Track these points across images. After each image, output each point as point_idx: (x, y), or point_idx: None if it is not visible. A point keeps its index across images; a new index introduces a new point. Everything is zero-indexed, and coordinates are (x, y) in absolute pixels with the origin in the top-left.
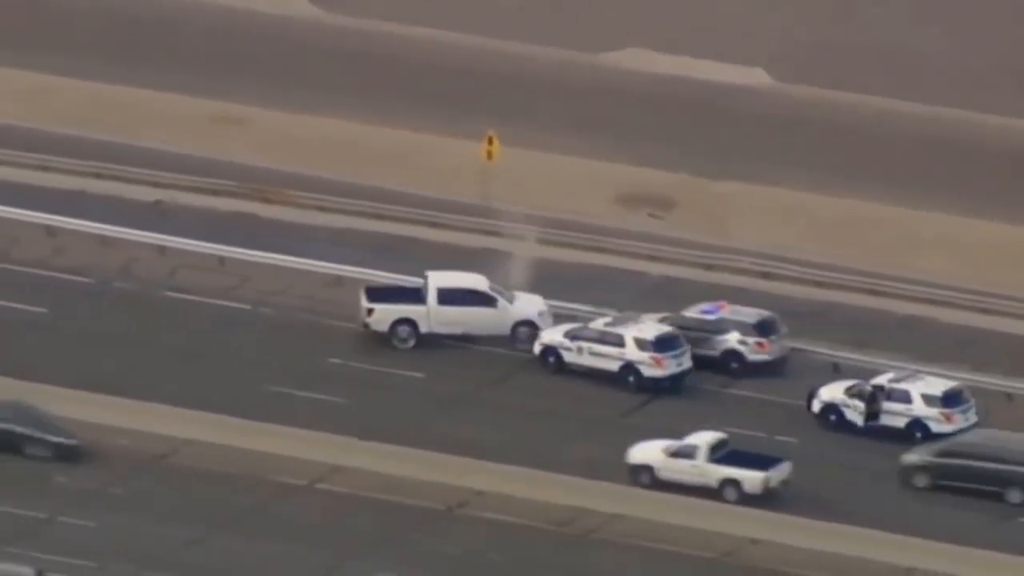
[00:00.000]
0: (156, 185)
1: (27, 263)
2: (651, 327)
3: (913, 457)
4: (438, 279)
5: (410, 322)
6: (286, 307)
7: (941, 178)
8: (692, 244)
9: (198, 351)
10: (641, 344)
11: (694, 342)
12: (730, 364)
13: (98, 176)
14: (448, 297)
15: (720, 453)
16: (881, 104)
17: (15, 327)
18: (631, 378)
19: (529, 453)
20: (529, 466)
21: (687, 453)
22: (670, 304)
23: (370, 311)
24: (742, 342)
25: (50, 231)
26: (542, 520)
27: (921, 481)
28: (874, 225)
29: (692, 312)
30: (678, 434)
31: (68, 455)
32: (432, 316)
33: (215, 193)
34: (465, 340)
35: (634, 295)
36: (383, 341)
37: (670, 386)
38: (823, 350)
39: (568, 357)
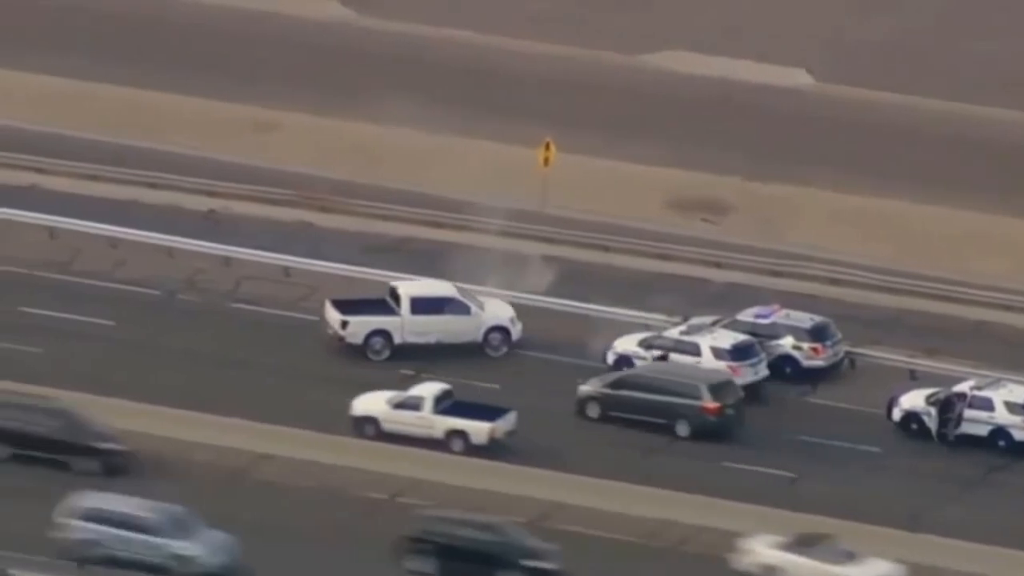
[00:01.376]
0: (209, 194)
1: (90, 275)
2: (727, 335)
3: (586, 388)
4: (408, 288)
5: (384, 333)
6: None
7: (991, 179)
8: (751, 249)
9: (268, 364)
10: (718, 353)
11: None
12: (784, 369)
13: (152, 186)
14: (421, 306)
15: (445, 404)
16: (926, 104)
17: (82, 340)
18: None
19: (606, 464)
20: (608, 478)
21: (412, 404)
22: (737, 312)
23: (344, 323)
24: (796, 347)
25: (112, 242)
26: (629, 534)
27: (593, 412)
28: (928, 227)
29: (746, 316)
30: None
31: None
32: (406, 326)
33: (269, 202)
34: (437, 349)
35: (699, 302)
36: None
37: (747, 395)
38: (897, 356)
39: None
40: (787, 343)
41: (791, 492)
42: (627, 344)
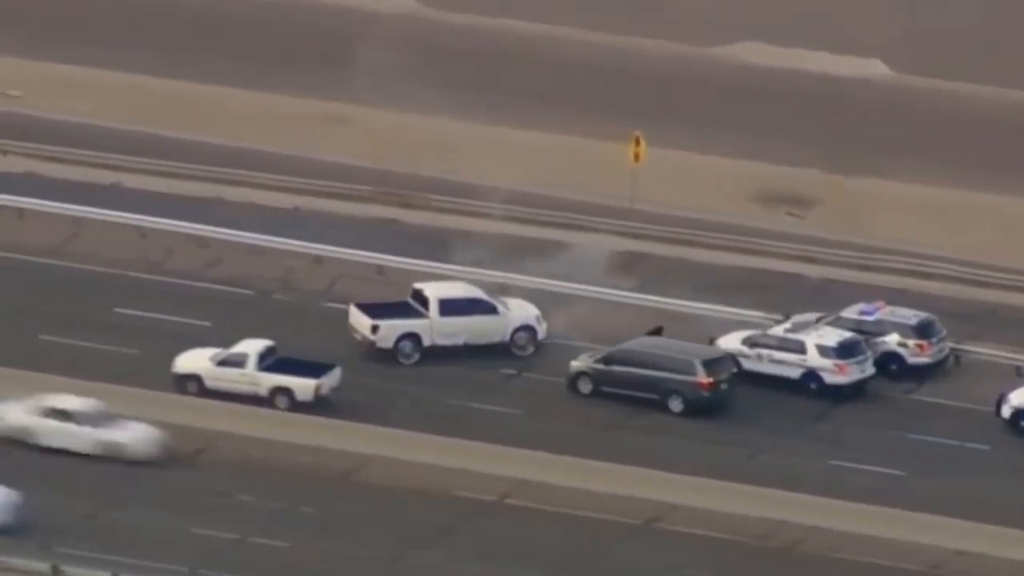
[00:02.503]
0: (289, 191)
1: (183, 275)
2: (833, 333)
3: (577, 363)
4: (436, 290)
5: (414, 336)
6: None
7: None
8: (841, 244)
9: (367, 364)
10: (823, 350)
11: None
12: (889, 367)
13: (232, 183)
14: (450, 308)
15: (269, 361)
16: (1005, 95)
17: (181, 341)
18: (813, 385)
19: (719, 464)
20: (720, 478)
21: (236, 362)
22: (833, 307)
23: (375, 328)
24: (902, 344)
25: (202, 242)
26: (741, 535)
27: (585, 387)
28: (1015, 219)
29: (850, 313)
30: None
31: None
32: (435, 328)
33: (350, 198)
34: (465, 350)
35: (794, 298)
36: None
37: (852, 393)
38: (1002, 353)
39: (747, 364)
40: (892, 340)
41: (903, 490)
42: (731, 342)
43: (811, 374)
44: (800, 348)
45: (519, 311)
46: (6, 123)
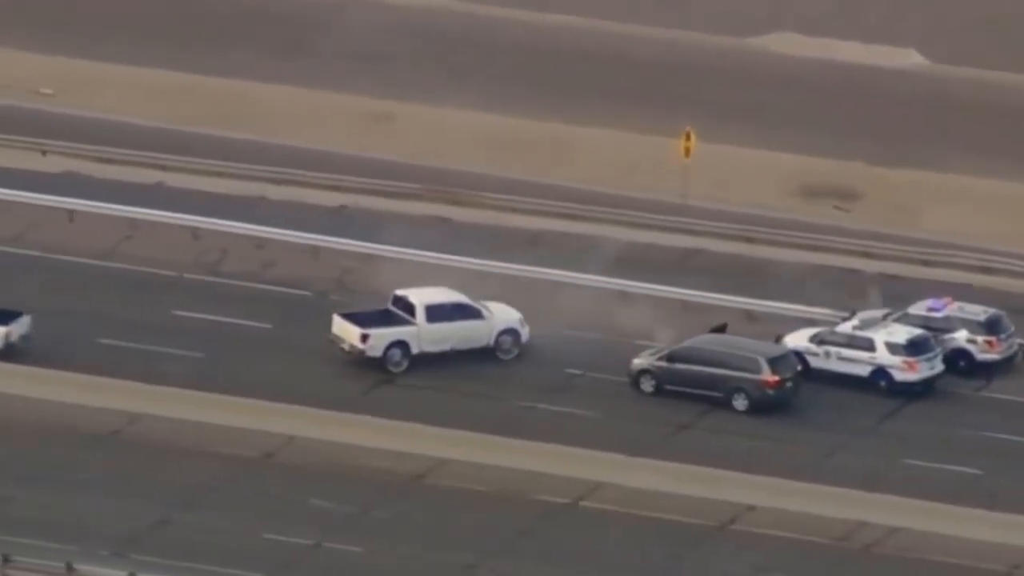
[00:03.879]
0: (335, 189)
1: (240, 276)
2: (902, 330)
3: (639, 361)
4: (421, 297)
5: (402, 344)
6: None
7: None
8: (896, 239)
9: (430, 365)
10: (893, 348)
11: None
12: (958, 363)
13: (276, 182)
14: (436, 314)
15: None
16: None
17: (244, 344)
18: (882, 383)
19: (792, 464)
20: (796, 478)
21: None
22: (892, 302)
23: (365, 337)
24: (971, 340)
25: (256, 242)
26: (820, 535)
27: (647, 386)
28: None
29: (917, 309)
30: None
31: None
32: (423, 335)
33: (398, 196)
34: (451, 355)
35: (853, 293)
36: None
37: (922, 390)
38: None
39: (815, 363)
40: (961, 337)
41: (981, 489)
42: (798, 340)
43: (880, 372)
44: (869, 345)
45: (502, 315)
46: (41, 122)
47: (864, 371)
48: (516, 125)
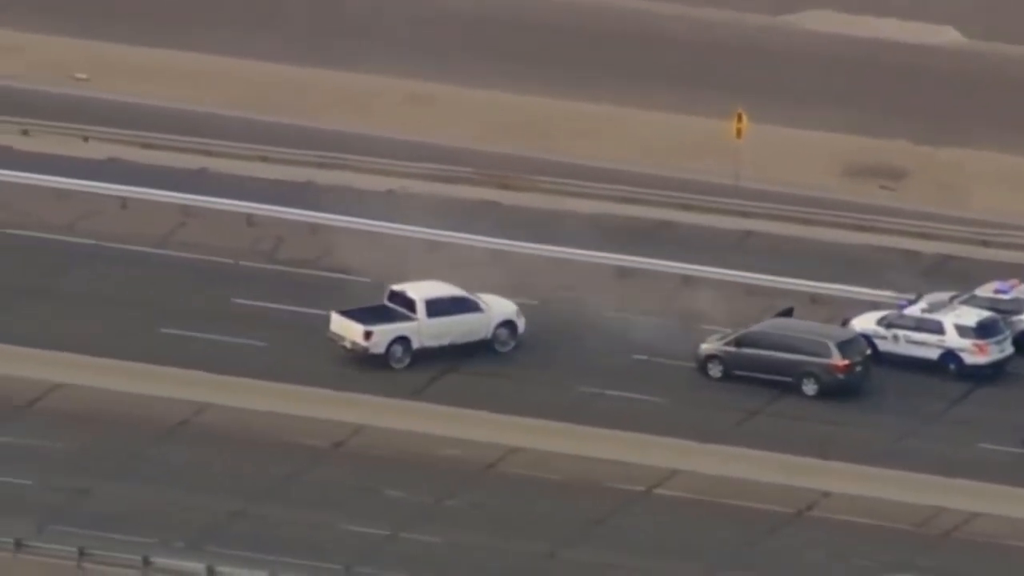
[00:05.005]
0: (384, 173)
1: (298, 263)
2: (971, 312)
3: (706, 346)
4: (420, 291)
5: (404, 340)
6: (576, 302)
7: None
8: (946, 218)
9: (496, 353)
10: (962, 331)
11: None
12: None
13: (322, 166)
14: (436, 308)
15: None
16: None
17: (305, 332)
18: (952, 366)
19: (865, 449)
20: (870, 463)
21: None
22: (953, 284)
23: (368, 334)
24: None
25: (311, 228)
26: (898, 521)
27: (715, 371)
28: None
29: (984, 291)
30: None
31: None
32: (423, 331)
33: (447, 180)
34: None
35: (913, 275)
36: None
37: (992, 373)
38: None
39: (883, 346)
40: None
41: None
42: (865, 323)
43: (950, 355)
44: (938, 328)
45: (499, 307)
46: (79, 107)
47: (933, 354)
48: (559, 107)
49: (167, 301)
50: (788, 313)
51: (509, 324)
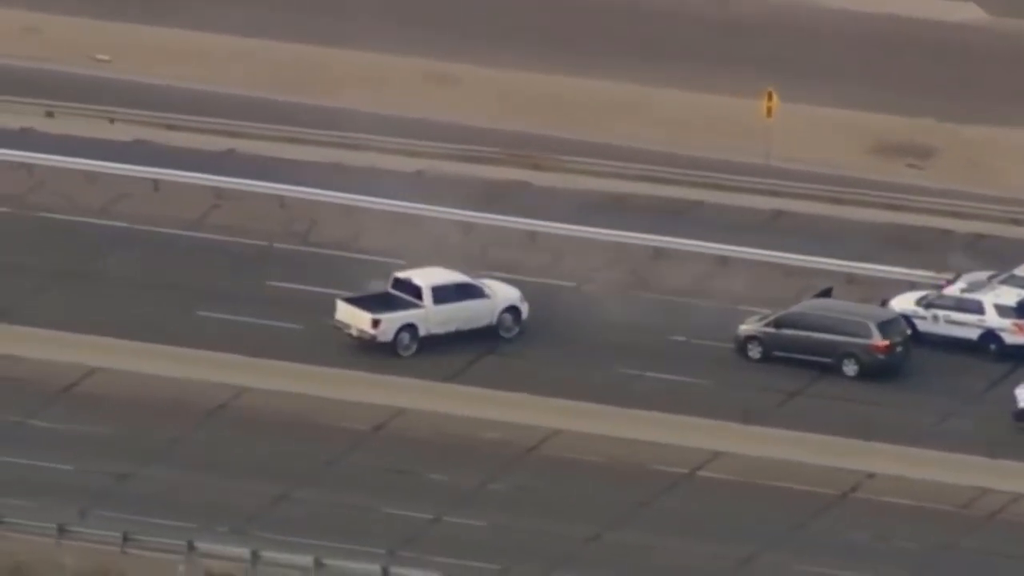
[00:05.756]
0: (413, 154)
1: (330, 245)
2: (1011, 292)
3: (745, 327)
4: (426, 278)
5: (411, 327)
6: (612, 283)
7: None
8: (976, 196)
9: (530, 335)
10: (1002, 310)
11: None
12: None
13: (352, 147)
14: (442, 295)
15: None
16: None
17: None
18: (992, 346)
19: (907, 430)
20: (913, 445)
21: None
22: (987, 263)
23: (376, 322)
24: None
25: (345, 210)
26: (943, 502)
27: (754, 352)
28: None
29: (1023, 271)
30: None
31: None
32: (430, 317)
33: (476, 160)
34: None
35: (945, 254)
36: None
37: None
38: None
39: (922, 326)
40: None
41: None
42: (905, 303)
43: (990, 335)
44: (978, 308)
45: (503, 293)
46: (101, 88)
47: (973, 334)
48: (583, 87)
49: (202, 284)
50: (827, 293)
51: (513, 310)
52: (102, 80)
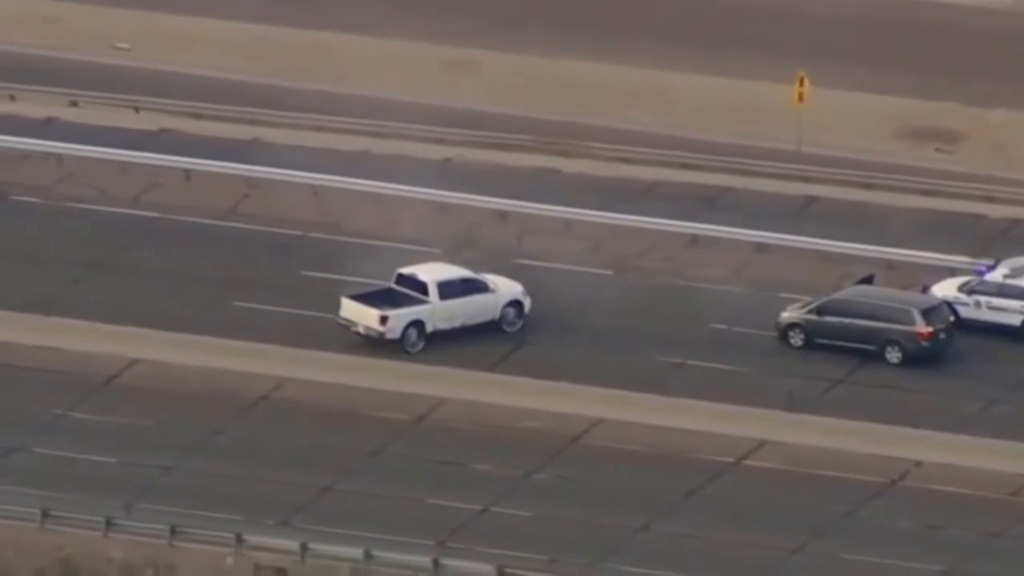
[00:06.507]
0: (437, 141)
1: (364, 234)
2: None
3: (787, 315)
4: (431, 274)
5: (418, 323)
6: (650, 271)
7: None
8: (1008, 181)
9: (569, 323)
10: None
11: None
12: None
13: (377, 135)
14: (448, 290)
15: None
16: None
17: None
18: None
19: (954, 417)
20: (959, 432)
21: None
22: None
23: (384, 319)
24: None
25: (376, 199)
26: (991, 490)
27: (796, 339)
28: None
29: None
30: None
31: None
32: (437, 313)
33: (503, 147)
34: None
35: (979, 240)
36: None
37: None
38: None
39: (964, 312)
40: None
41: None
42: (946, 289)
43: None
44: (1021, 294)
45: (506, 287)
46: (123, 77)
47: (1016, 320)
48: (608, 72)
49: (237, 274)
50: (869, 280)
51: (516, 304)
52: (123, 69)
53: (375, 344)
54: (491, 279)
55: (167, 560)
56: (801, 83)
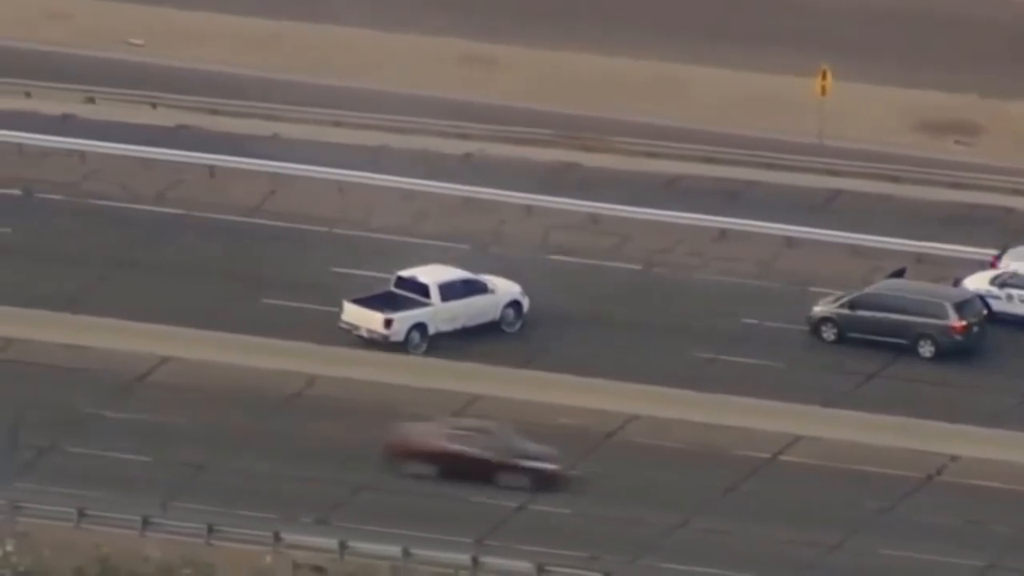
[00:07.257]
0: (460, 136)
1: (391, 230)
2: None
3: (819, 309)
4: (431, 275)
5: (421, 326)
6: (679, 265)
7: None
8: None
9: (600, 318)
10: None
11: None
12: None
13: (398, 131)
14: (449, 292)
15: None
16: None
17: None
18: None
19: (989, 411)
20: (995, 426)
21: None
22: None
23: (389, 322)
24: None
25: (404, 195)
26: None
27: (829, 334)
28: None
29: None
30: None
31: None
32: (439, 315)
33: (522, 142)
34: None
35: (1007, 233)
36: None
37: None
38: None
39: (996, 306)
40: None
41: None
42: (978, 283)
43: None
44: None
45: (505, 288)
46: (137, 74)
47: None
48: (628, 66)
49: (265, 271)
50: (900, 274)
51: (515, 304)
52: (137, 65)
53: (379, 347)
54: (490, 280)
55: (204, 559)
56: (824, 76)
